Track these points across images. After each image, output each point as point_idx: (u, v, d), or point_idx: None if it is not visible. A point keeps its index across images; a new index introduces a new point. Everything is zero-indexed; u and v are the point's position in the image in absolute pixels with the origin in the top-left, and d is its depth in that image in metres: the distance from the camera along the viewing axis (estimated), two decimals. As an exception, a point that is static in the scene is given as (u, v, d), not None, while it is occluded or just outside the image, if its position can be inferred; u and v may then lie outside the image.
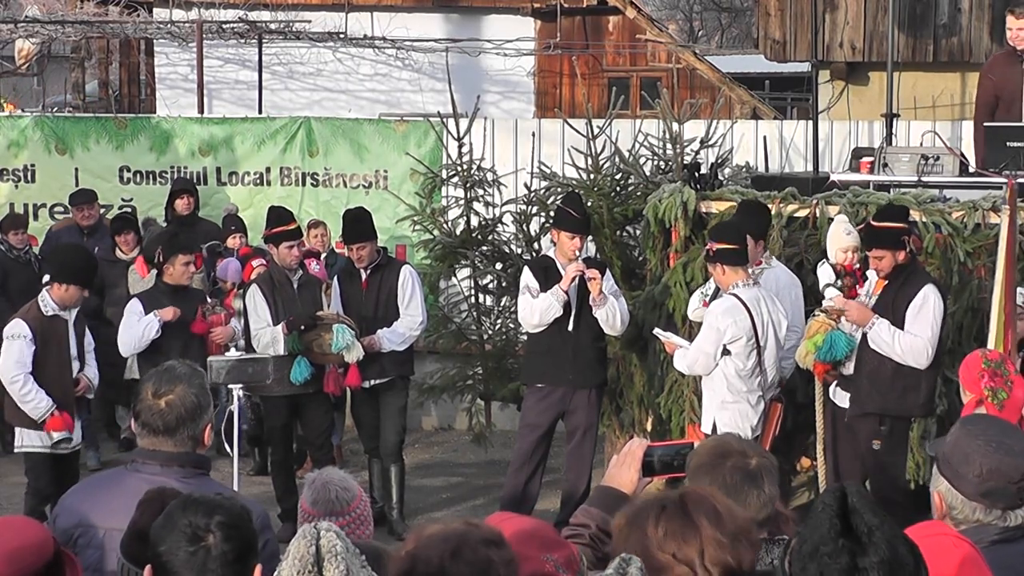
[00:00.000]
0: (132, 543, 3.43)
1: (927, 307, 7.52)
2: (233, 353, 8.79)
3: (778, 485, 3.51)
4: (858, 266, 7.89)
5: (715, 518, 2.95)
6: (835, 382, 7.84)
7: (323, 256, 11.17)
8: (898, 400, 7.63)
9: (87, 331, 8.82)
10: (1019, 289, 7.63)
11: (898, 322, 7.56)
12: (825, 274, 7.96)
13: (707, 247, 7.90)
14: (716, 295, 7.95)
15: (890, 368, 7.58)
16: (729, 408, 7.83)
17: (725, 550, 2.91)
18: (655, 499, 3.04)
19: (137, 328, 8.92)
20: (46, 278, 8.77)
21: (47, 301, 8.40)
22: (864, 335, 7.67)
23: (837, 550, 2.54)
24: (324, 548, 2.65)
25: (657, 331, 8.32)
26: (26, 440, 8.50)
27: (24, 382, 8.31)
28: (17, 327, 8.39)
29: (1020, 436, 3.70)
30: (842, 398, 7.83)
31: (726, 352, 7.76)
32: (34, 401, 8.32)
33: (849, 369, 7.73)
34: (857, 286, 7.85)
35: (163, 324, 8.95)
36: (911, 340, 7.53)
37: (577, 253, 8.63)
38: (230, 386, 8.74)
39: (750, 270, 7.86)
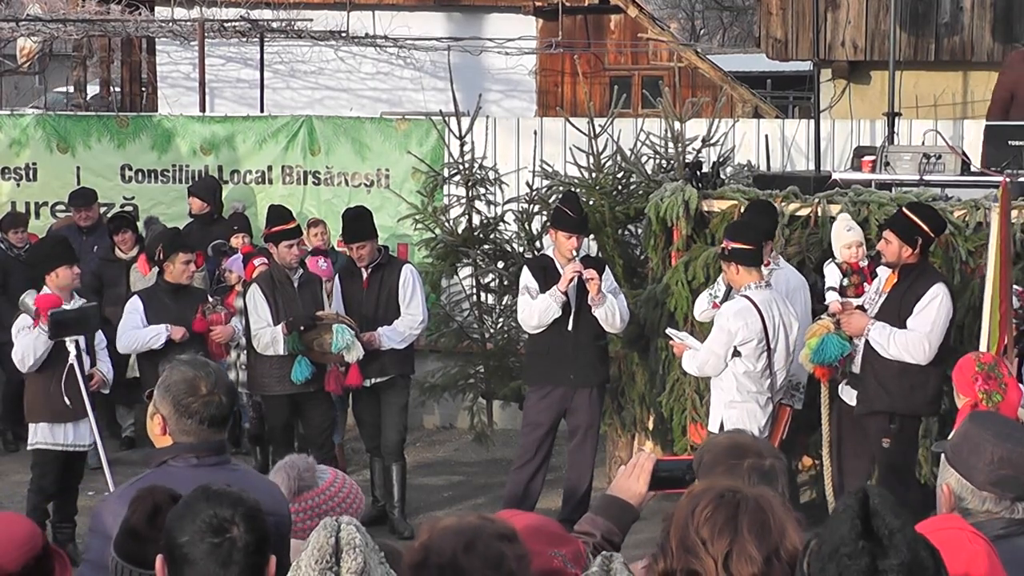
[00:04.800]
0: (126, 541, 3.43)
1: (933, 304, 7.49)
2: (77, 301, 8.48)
3: (788, 485, 3.47)
4: (865, 263, 7.88)
5: (759, 530, 2.79)
6: (845, 380, 7.83)
7: (324, 255, 11.15)
8: (905, 398, 7.62)
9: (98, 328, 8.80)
10: (1015, 287, 7.63)
11: (906, 319, 7.54)
12: (830, 275, 7.94)
13: (723, 245, 7.88)
14: (727, 296, 7.93)
15: (896, 366, 7.57)
16: (737, 407, 7.82)
17: (753, 565, 2.77)
18: (726, 486, 2.89)
19: (143, 333, 8.87)
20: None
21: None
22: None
23: (857, 551, 2.53)
24: (343, 540, 2.68)
25: (669, 331, 8.31)
26: (39, 437, 8.49)
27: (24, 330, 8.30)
28: (21, 321, 8.45)
29: None
30: (849, 395, 7.80)
31: (736, 354, 7.74)
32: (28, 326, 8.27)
33: (857, 367, 7.72)
34: (865, 283, 7.83)
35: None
36: (906, 336, 7.50)
37: (575, 252, 8.61)
38: (67, 340, 8.28)
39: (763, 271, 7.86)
